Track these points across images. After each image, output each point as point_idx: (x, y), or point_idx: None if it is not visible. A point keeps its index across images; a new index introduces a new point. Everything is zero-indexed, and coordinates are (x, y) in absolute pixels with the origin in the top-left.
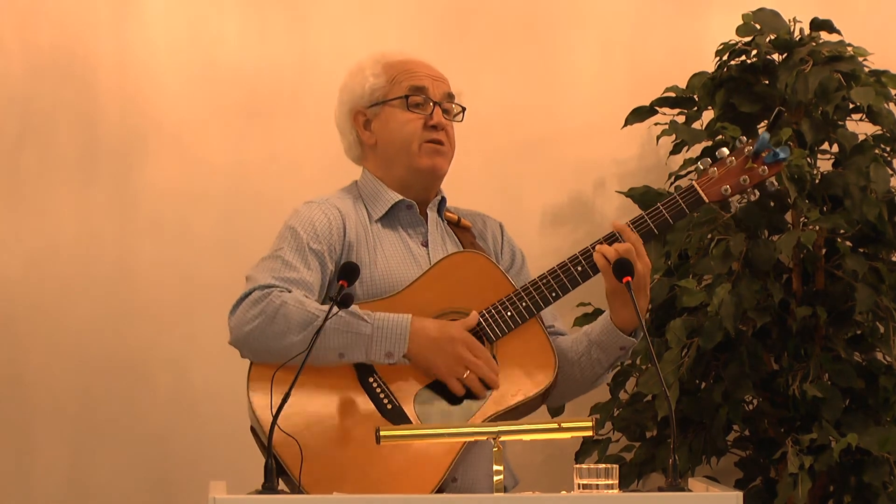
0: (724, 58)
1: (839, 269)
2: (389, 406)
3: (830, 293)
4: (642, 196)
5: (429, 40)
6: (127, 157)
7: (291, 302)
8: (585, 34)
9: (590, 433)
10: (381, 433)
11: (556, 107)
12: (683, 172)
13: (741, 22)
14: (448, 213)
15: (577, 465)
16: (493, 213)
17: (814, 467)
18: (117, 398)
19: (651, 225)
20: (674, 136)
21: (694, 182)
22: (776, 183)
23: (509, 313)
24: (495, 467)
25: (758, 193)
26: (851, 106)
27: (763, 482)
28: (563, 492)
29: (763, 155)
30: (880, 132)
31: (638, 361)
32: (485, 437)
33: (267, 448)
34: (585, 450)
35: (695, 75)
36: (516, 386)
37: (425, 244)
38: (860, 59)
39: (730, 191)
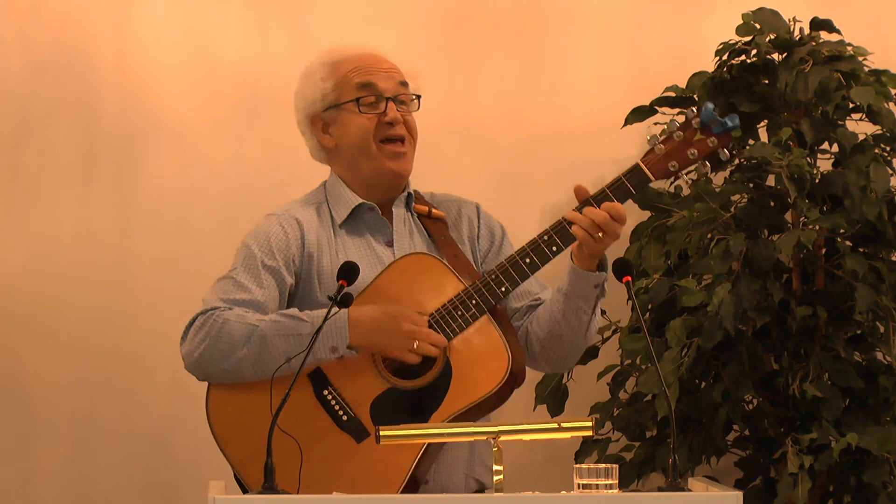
0: (724, 57)
1: (839, 269)
2: (345, 417)
3: (830, 293)
4: (642, 196)
5: (428, 40)
6: (127, 156)
7: (233, 318)
8: (585, 34)
9: (589, 433)
10: (382, 433)
11: (555, 106)
12: (683, 172)
13: (741, 21)
14: (418, 206)
15: (577, 465)
16: (492, 213)
17: (814, 467)
18: (117, 397)
19: (596, 208)
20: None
21: (639, 161)
22: (728, 153)
23: (460, 312)
24: (495, 467)
25: (709, 165)
26: (851, 105)
27: (763, 482)
28: (563, 492)
29: (711, 126)
30: (880, 132)
31: (638, 361)
32: (485, 437)
33: (267, 448)
34: (585, 449)
35: (695, 75)
36: (472, 385)
37: (390, 244)
38: (860, 58)
39: (677, 166)
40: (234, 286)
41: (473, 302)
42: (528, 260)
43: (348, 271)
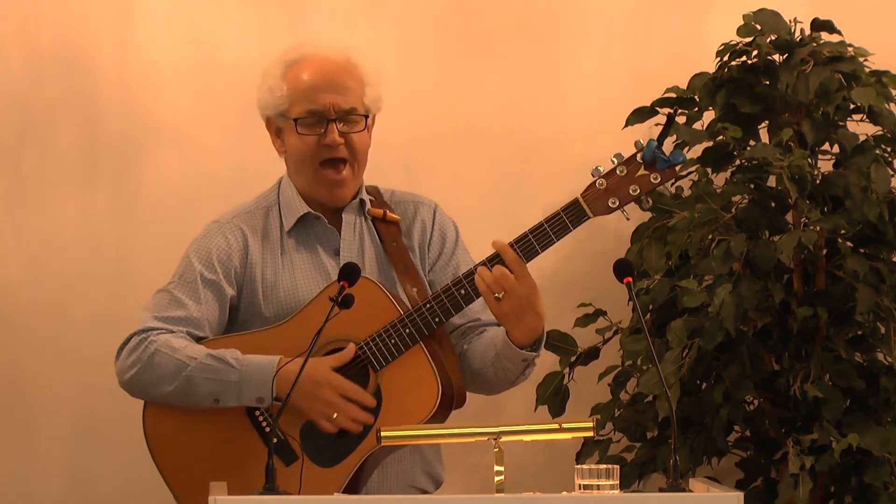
0: (725, 58)
1: (840, 270)
2: (274, 440)
3: (831, 293)
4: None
5: (429, 41)
6: (127, 156)
7: (163, 349)
8: (586, 35)
9: (591, 434)
10: (382, 433)
11: (556, 107)
12: (684, 173)
13: (742, 22)
14: (374, 209)
15: (578, 466)
16: (493, 214)
17: (815, 468)
18: (118, 398)
19: (535, 243)
20: (674, 136)
21: (579, 196)
22: (672, 189)
23: (393, 341)
24: (496, 468)
25: (651, 201)
26: (852, 106)
27: (764, 483)
28: (564, 492)
29: (655, 162)
30: (881, 132)
31: (639, 362)
32: (485, 438)
33: (268, 448)
34: (586, 450)
35: (695, 76)
36: (402, 413)
37: (338, 252)
38: (861, 59)
39: (618, 203)
40: (171, 302)
41: (407, 331)
42: (462, 292)
43: (350, 273)
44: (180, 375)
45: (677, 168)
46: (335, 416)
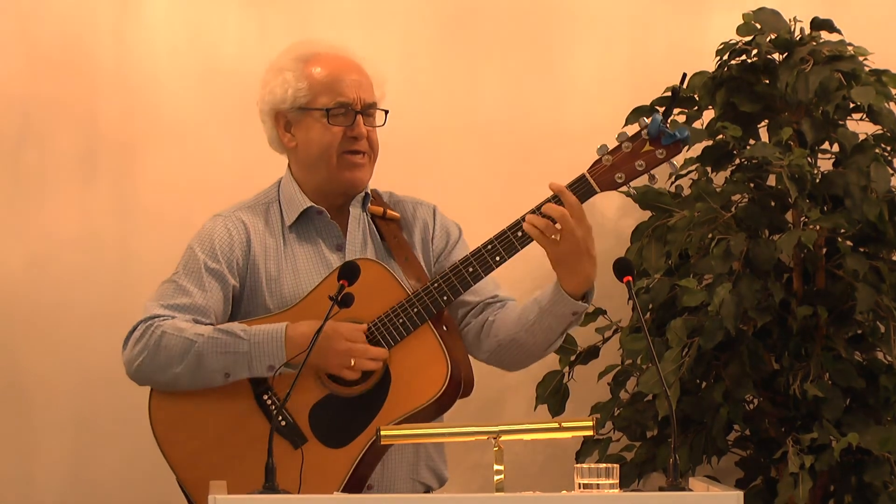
0: (725, 57)
1: (840, 269)
2: (283, 423)
3: (831, 293)
4: (642, 195)
5: (429, 40)
6: (127, 156)
7: (170, 330)
8: (586, 34)
9: (590, 433)
10: (382, 433)
11: (556, 106)
12: (684, 172)
13: (741, 21)
14: (373, 207)
15: (578, 465)
16: (492, 214)
17: (814, 467)
18: (118, 398)
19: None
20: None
21: (585, 172)
22: (677, 164)
23: (401, 320)
24: (496, 467)
25: (656, 178)
26: (852, 105)
27: (764, 482)
28: (564, 491)
29: (660, 137)
30: (881, 132)
31: (639, 361)
32: (485, 437)
33: (268, 448)
34: (586, 449)
35: (695, 75)
36: (410, 393)
37: (340, 247)
38: (860, 58)
39: (624, 178)
40: (176, 290)
41: (415, 311)
42: (470, 269)
43: (349, 272)
44: (189, 353)
45: (682, 145)
46: (352, 362)
